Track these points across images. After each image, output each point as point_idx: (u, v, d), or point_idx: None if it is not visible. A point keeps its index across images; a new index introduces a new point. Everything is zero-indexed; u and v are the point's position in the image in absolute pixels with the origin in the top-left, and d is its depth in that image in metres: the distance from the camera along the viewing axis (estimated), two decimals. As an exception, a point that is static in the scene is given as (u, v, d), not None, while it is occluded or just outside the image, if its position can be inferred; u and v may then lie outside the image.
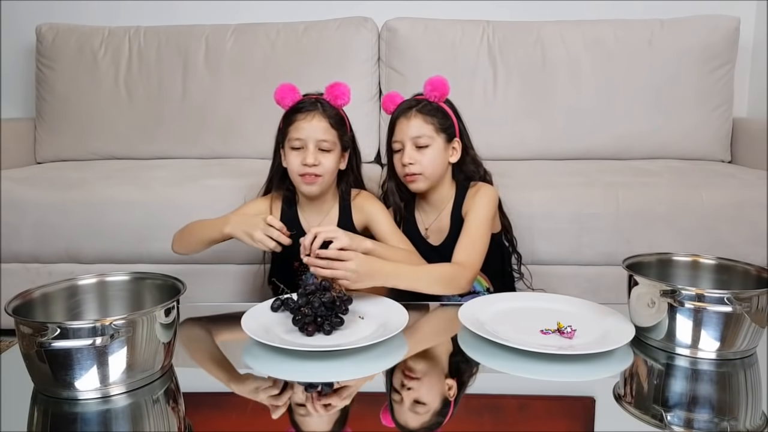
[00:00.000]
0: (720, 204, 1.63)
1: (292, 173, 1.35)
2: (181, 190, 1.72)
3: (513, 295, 1.25)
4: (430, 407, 0.83)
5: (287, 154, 1.35)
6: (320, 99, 1.36)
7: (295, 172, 1.34)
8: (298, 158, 1.32)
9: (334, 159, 1.35)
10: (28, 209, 1.69)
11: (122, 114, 2.19)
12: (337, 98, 1.36)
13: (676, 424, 0.81)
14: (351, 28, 2.16)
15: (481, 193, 1.38)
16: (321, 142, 1.32)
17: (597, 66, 2.11)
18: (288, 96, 1.35)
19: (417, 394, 0.86)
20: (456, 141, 1.39)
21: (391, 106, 1.40)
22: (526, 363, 0.92)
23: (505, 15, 2.24)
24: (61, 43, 2.22)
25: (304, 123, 1.32)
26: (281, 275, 1.41)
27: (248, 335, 0.96)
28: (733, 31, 2.11)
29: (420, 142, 1.33)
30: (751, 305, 0.91)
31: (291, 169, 1.35)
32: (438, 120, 1.35)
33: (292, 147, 1.33)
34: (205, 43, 2.18)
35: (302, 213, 1.42)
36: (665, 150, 2.10)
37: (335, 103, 1.36)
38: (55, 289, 0.94)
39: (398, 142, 1.36)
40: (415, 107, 1.35)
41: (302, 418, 0.81)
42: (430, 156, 1.34)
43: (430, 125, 1.34)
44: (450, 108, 1.40)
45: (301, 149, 1.32)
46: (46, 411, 0.82)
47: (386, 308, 1.09)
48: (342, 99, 1.36)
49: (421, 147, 1.34)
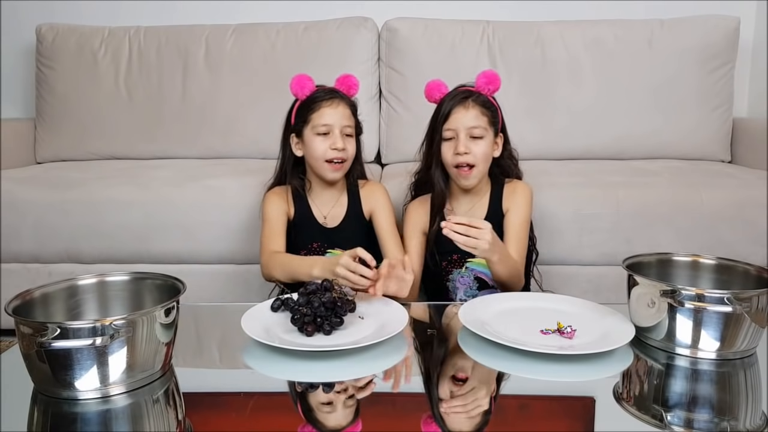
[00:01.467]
0: (720, 204, 1.63)
1: (316, 159, 1.37)
2: (181, 190, 1.72)
3: (513, 295, 1.25)
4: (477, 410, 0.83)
5: (310, 141, 1.37)
6: (335, 89, 1.41)
7: (321, 158, 1.36)
8: (325, 143, 1.35)
9: (355, 145, 1.41)
10: (28, 209, 1.69)
11: (122, 114, 2.19)
12: (350, 88, 1.42)
13: (676, 424, 0.81)
14: (351, 28, 2.16)
15: (523, 192, 1.41)
16: (346, 127, 1.37)
17: (597, 66, 2.11)
18: (306, 86, 1.38)
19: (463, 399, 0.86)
20: (500, 136, 1.40)
21: (437, 94, 1.39)
22: (526, 363, 0.92)
23: (505, 15, 2.24)
24: (61, 43, 2.22)
25: (330, 109, 1.36)
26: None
27: (248, 335, 0.96)
28: (733, 31, 2.11)
29: (475, 133, 1.32)
30: (751, 305, 0.91)
31: (315, 155, 1.37)
32: (491, 113, 1.35)
33: (318, 133, 1.36)
34: (205, 43, 2.18)
35: (313, 201, 1.44)
36: (665, 150, 2.10)
37: (348, 93, 1.41)
38: (55, 289, 0.94)
39: (452, 130, 1.33)
40: (470, 98, 1.33)
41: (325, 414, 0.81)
42: (483, 148, 1.33)
43: (485, 117, 1.33)
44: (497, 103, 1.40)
45: (327, 135, 1.35)
46: (46, 411, 0.82)
47: (386, 308, 1.09)
48: (354, 89, 1.43)
49: (475, 138, 1.32)
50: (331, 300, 1.01)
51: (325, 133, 1.36)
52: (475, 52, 2.13)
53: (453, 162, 1.34)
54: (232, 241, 1.69)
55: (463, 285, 1.39)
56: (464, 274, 1.38)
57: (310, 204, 1.44)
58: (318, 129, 1.35)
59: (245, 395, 0.86)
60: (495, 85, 1.36)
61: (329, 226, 1.42)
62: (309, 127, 1.37)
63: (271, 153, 2.15)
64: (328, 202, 1.44)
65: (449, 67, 2.09)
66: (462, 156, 1.32)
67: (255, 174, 1.84)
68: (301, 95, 1.39)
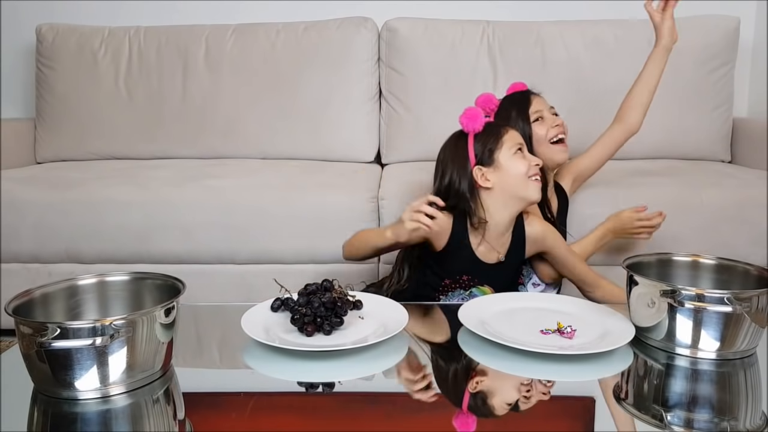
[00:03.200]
0: (720, 204, 1.63)
1: (522, 177, 1.30)
2: (181, 190, 1.72)
3: (513, 295, 1.25)
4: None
5: (511, 162, 1.29)
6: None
7: (526, 174, 1.30)
8: (524, 160, 1.30)
9: None
10: (28, 209, 1.69)
11: (122, 114, 2.18)
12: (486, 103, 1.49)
13: (676, 424, 0.81)
14: (351, 28, 2.16)
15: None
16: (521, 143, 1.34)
17: (597, 66, 2.11)
18: (478, 120, 1.32)
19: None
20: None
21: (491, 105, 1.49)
22: (526, 363, 0.92)
23: (505, 15, 2.24)
24: (61, 43, 2.22)
25: (513, 132, 1.34)
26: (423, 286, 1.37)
27: (248, 335, 0.96)
28: (733, 31, 2.11)
29: (553, 111, 1.49)
30: (751, 305, 0.91)
31: (519, 175, 1.29)
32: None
33: (515, 151, 1.30)
34: (205, 43, 2.18)
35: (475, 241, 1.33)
36: (665, 150, 2.10)
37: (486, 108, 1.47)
38: (55, 289, 0.94)
39: (539, 111, 1.47)
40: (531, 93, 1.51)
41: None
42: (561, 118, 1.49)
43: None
44: None
45: (521, 151, 1.32)
46: (46, 411, 0.82)
47: (386, 308, 1.09)
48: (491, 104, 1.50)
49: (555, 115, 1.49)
50: (331, 300, 1.01)
51: (519, 149, 1.31)
52: (475, 52, 2.13)
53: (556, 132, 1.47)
54: (232, 241, 1.69)
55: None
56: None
57: (472, 241, 1.32)
58: (513, 148, 1.30)
59: (245, 395, 0.86)
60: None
61: (487, 262, 1.34)
62: (502, 149, 1.30)
63: (270, 153, 2.17)
64: (503, 240, 1.35)
65: (449, 67, 2.09)
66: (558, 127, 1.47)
67: (255, 174, 1.85)
68: (473, 128, 1.32)
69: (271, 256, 1.69)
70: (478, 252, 1.33)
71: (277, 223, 1.68)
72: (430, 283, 1.36)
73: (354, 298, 1.06)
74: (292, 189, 1.74)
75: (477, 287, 1.35)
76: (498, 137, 1.31)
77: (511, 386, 0.89)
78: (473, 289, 1.35)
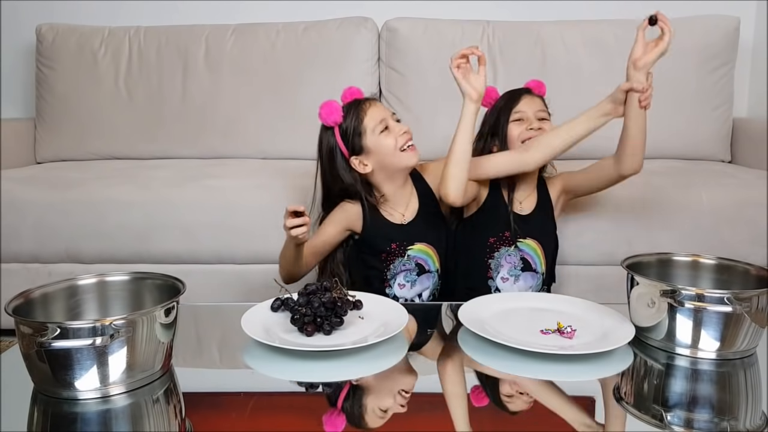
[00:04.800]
0: (720, 204, 1.63)
1: (392, 150, 1.36)
2: (181, 190, 1.72)
3: (513, 295, 1.25)
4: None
5: (379, 141, 1.36)
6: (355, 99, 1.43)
7: (396, 147, 1.36)
8: (391, 135, 1.37)
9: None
10: (28, 209, 1.69)
11: (122, 114, 2.18)
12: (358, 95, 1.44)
13: (676, 424, 0.81)
14: (351, 28, 2.16)
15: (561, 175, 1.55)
16: (392, 115, 1.41)
17: (597, 66, 2.11)
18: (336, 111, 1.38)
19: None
20: None
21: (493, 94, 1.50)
22: (526, 363, 0.92)
23: (505, 15, 2.24)
24: (61, 43, 2.22)
25: (374, 108, 1.39)
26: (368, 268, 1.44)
27: (248, 335, 0.96)
28: (733, 31, 2.11)
29: (541, 115, 1.45)
30: (751, 305, 0.91)
31: (389, 149, 1.36)
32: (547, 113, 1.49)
33: (380, 131, 1.36)
34: (205, 43, 2.18)
35: (386, 210, 1.43)
36: (665, 150, 2.10)
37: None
38: (55, 289, 0.94)
39: (521, 112, 1.45)
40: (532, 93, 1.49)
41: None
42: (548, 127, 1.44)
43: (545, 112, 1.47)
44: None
45: (388, 129, 1.37)
46: (46, 411, 0.82)
47: (386, 308, 1.09)
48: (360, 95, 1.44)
49: (542, 119, 1.45)
50: (331, 300, 1.01)
51: (386, 127, 1.37)
52: (475, 52, 2.13)
53: (522, 138, 1.42)
54: (232, 241, 1.69)
55: (508, 264, 1.41)
56: (512, 252, 1.41)
57: (383, 213, 1.42)
58: (378, 129, 1.36)
59: (245, 395, 0.86)
60: (543, 89, 1.52)
61: (406, 222, 1.43)
62: (367, 134, 1.36)
63: (271, 153, 2.17)
64: (403, 201, 1.44)
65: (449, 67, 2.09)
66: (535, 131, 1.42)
67: (255, 174, 1.84)
68: (333, 121, 1.38)
69: (271, 256, 1.68)
70: (395, 218, 1.42)
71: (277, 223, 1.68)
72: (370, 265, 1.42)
73: (354, 298, 1.06)
74: (293, 189, 1.74)
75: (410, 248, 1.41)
76: (359, 122, 1.37)
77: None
78: (409, 252, 1.41)
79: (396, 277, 1.40)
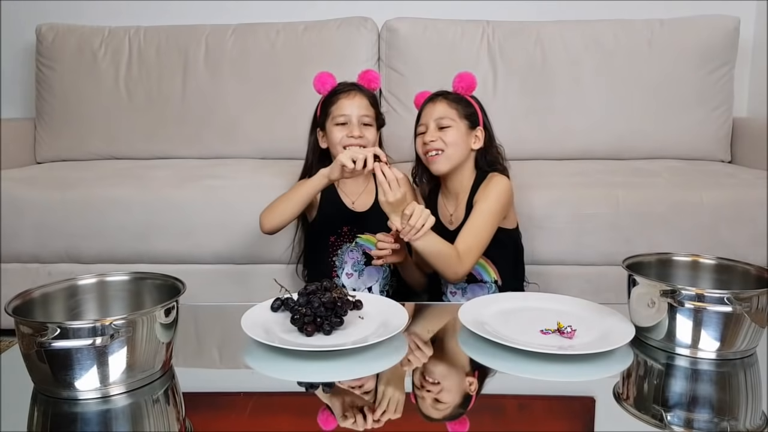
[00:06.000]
0: (720, 204, 1.63)
1: (336, 147, 1.43)
2: (181, 190, 1.72)
3: (513, 295, 1.25)
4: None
5: (331, 132, 1.44)
6: (356, 83, 1.48)
7: (340, 145, 1.42)
8: (343, 132, 1.42)
9: (375, 134, 1.46)
10: (28, 209, 1.69)
11: (122, 114, 2.19)
12: (370, 82, 1.49)
13: (676, 424, 0.81)
14: (351, 28, 2.16)
15: (493, 183, 1.38)
16: (363, 117, 1.44)
17: (597, 66, 2.11)
18: (328, 82, 1.46)
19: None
20: (479, 129, 1.42)
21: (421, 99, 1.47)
22: (526, 363, 0.92)
23: (505, 15, 2.24)
24: (61, 43, 2.22)
25: (347, 101, 1.44)
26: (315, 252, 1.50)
27: (248, 335, 0.96)
28: (733, 31, 2.11)
29: (443, 123, 1.38)
30: (751, 305, 0.91)
31: (335, 143, 1.43)
32: (461, 107, 1.40)
33: (337, 123, 1.43)
34: (205, 43, 2.18)
35: (341, 189, 1.49)
36: (665, 150, 2.10)
37: (369, 86, 1.48)
38: (55, 289, 0.94)
39: (423, 124, 1.42)
40: (441, 95, 1.43)
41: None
42: (452, 135, 1.38)
43: (454, 110, 1.39)
44: (475, 102, 1.45)
45: (346, 125, 1.42)
46: (46, 411, 0.82)
47: (386, 308, 1.09)
48: (375, 83, 1.50)
49: (444, 128, 1.38)
50: (331, 300, 1.01)
51: (344, 123, 1.42)
52: (475, 52, 2.13)
53: (423, 151, 1.41)
54: (232, 241, 1.69)
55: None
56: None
57: (338, 191, 1.49)
58: (337, 119, 1.43)
59: (245, 395, 0.86)
60: (467, 83, 1.42)
61: (358, 210, 1.48)
62: (330, 118, 1.44)
63: (271, 153, 2.17)
64: (356, 189, 1.49)
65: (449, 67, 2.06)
66: (428, 144, 1.38)
67: (255, 174, 1.84)
68: (323, 91, 1.47)
69: (271, 256, 1.69)
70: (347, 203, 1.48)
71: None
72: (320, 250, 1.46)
73: (354, 298, 1.06)
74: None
75: (358, 236, 1.46)
76: (330, 105, 1.45)
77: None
78: (357, 240, 1.46)
79: (344, 266, 1.44)
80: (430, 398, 0.85)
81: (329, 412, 0.81)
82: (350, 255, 1.45)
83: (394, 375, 0.92)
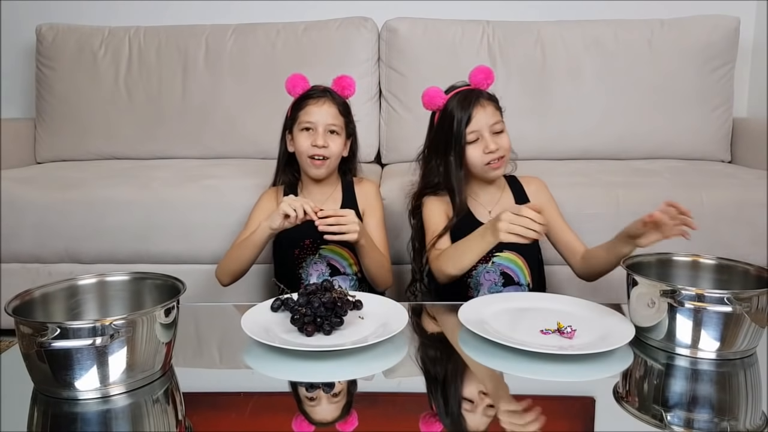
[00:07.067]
0: (720, 204, 1.63)
1: (301, 155, 1.42)
2: (181, 190, 1.72)
3: (513, 295, 1.25)
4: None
5: (297, 137, 1.42)
6: (328, 89, 1.45)
7: (305, 153, 1.41)
8: (308, 140, 1.40)
9: (341, 143, 1.43)
10: (28, 209, 1.69)
11: (122, 114, 2.19)
12: (344, 89, 1.45)
13: (676, 424, 0.80)
14: (351, 28, 2.16)
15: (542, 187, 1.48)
16: (330, 125, 1.40)
17: (597, 66, 2.11)
18: (299, 85, 1.44)
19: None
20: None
21: (439, 101, 1.38)
22: (526, 363, 0.92)
23: (505, 15, 2.24)
24: (61, 43, 2.22)
25: (315, 108, 1.40)
26: (282, 266, 1.48)
27: (248, 335, 0.96)
28: (733, 31, 2.11)
29: (496, 128, 1.34)
30: (751, 305, 0.91)
31: (300, 150, 1.42)
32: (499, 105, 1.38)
33: (302, 128, 1.40)
34: (205, 43, 2.18)
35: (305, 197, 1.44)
36: (665, 150, 2.10)
37: (342, 93, 1.45)
38: (55, 289, 0.94)
39: (475, 132, 1.32)
40: (482, 97, 1.35)
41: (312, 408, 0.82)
42: (507, 139, 1.36)
43: (499, 111, 1.37)
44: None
45: (311, 131, 1.40)
46: (46, 411, 0.82)
47: (386, 308, 1.09)
48: (348, 90, 1.46)
49: (497, 133, 1.34)
50: (331, 300, 1.01)
51: (309, 129, 1.40)
52: (475, 52, 2.13)
53: (483, 161, 1.33)
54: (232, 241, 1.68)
55: (488, 281, 1.37)
56: (490, 269, 1.36)
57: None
58: (303, 125, 1.41)
59: (245, 395, 0.86)
60: (491, 79, 1.39)
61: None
62: (296, 123, 1.42)
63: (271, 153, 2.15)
64: (320, 198, 1.46)
65: (449, 67, 2.08)
66: (494, 153, 1.32)
67: (255, 174, 1.84)
68: (293, 93, 1.44)
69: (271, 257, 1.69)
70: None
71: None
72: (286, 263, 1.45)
73: (354, 298, 1.06)
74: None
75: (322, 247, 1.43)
76: (299, 109, 1.42)
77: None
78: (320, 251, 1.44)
79: (309, 278, 1.42)
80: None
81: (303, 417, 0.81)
82: (315, 267, 1.43)
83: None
